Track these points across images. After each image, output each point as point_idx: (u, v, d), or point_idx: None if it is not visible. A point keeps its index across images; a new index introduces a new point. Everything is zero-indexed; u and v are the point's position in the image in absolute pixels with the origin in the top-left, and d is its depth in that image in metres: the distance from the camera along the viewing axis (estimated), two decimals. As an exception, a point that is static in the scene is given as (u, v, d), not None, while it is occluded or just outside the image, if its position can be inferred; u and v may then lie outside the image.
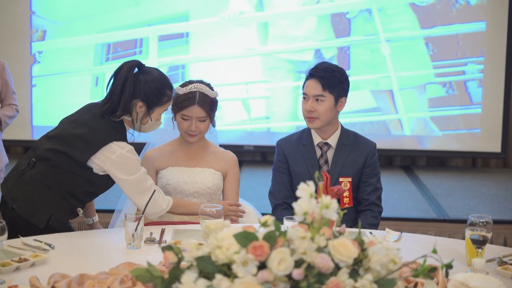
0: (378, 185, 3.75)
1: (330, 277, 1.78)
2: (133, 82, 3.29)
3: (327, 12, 7.05)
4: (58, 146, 3.29)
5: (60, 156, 3.27)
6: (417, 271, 1.89)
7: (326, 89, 3.63)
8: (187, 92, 3.55)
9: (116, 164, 3.25)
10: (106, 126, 3.30)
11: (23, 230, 3.03)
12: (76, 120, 3.36)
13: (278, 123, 7.21)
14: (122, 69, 3.31)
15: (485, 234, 2.80)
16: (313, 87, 3.65)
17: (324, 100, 3.64)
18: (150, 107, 3.34)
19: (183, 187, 3.58)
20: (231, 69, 7.16)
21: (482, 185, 6.69)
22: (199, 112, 3.53)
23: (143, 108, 3.33)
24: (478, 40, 7.03)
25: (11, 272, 2.58)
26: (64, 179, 3.29)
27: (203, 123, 3.56)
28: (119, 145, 3.26)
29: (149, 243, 3.03)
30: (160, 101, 3.35)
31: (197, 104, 3.52)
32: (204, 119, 3.55)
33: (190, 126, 3.54)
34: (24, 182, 3.30)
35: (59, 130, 3.37)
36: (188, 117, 3.54)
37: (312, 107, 3.64)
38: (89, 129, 3.29)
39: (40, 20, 7.10)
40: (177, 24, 7.14)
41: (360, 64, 7.10)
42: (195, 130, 3.55)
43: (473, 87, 7.07)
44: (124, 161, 3.26)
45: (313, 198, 1.90)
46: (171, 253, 1.91)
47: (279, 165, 3.81)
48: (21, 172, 3.32)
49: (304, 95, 3.69)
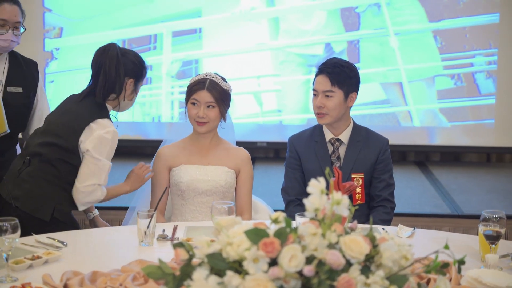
0: (390, 181, 3.74)
1: (341, 273, 1.77)
2: (120, 62, 3.43)
3: (336, 6, 7.04)
4: (47, 139, 3.40)
5: (51, 148, 3.38)
6: (429, 267, 1.88)
7: (335, 85, 3.62)
8: (199, 79, 3.60)
9: (93, 141, 3.34)
10: (87, 107, 3.45)
11: (30, 227, 3.05)
12: (59, 111, 3.51)
13: (290, 115, 7.21)
14: (103, 54, 3.44)
15: (498, 230, 2.78)
16: (322, 83, 3.65)
17: (333, 96, 3.63)
18: (137, 82, 3.52)
19: (196, 185, 3.58)
20: (243, 63, 7.17)
21: (496, 180, 6.65)
22: (207, 96, 3.54)
23: (132, 84, 3.49)
24: (486, 32, 7.01)
25: (24, 269, 2.59)
26: (60, 170, 3.37)
27: (212, 110, 3.56)
28: (101, 122, 3.39)
29: (162, 240, 3.03)
30: (142, 75, 3.55)
31: (206, 89, 3.55)
32: (212, 104, 3.55)
33: (198, 112, 3.55)
34: (23, 180, 3.39)
35: (45, 125, 3.50)
36: (197, 101, 3.56)
37: (321, 103, 3.63)
38: (70, 114, 3.44)
39: (55, 17, 7.13)
40: (190, 20, 7.15)
41: (369, 57, 7.09)
42: (203, 117, 3.55)
43: (481, 79, 7.06)
44: (100, 141, 3.36)
45: (324, 194, 1.89)
46: (183, 250, 1.91)
47: (291, 161, 3.80)
48: (18, 172, 3.41)
49: (314, 91, 3.69)
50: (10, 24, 3.74)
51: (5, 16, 3.73)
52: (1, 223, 2.45)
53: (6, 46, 3.77)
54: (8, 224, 2.46)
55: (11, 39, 3.75)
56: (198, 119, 3.56)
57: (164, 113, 7.19)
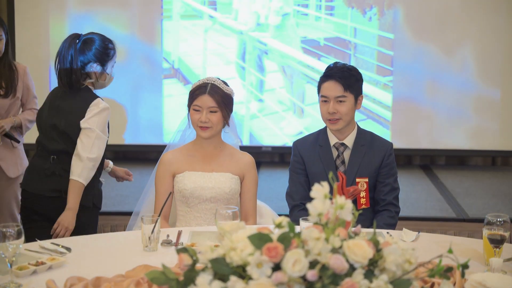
0: (395, 185, 3.73)
1: (345, 278, 1.77)
2: (80, 51, 3.69)
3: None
4: (62, 139, 3.74)
5: (71, 146, 3.70)
6: (433, 271, 1.88)
7: (347, 90, 3.63)
8: (200, 84, 3.60)
9: (93, 113, 3.68)
10: (77, 100, 3.73)
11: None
12: (58, 111, 3.76)
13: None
14: (65, 47, 3.70)
15: (502, 233, 2.77)
16: (333, 89, 3.64)
17: (346, 101, 3.64)
18: (103, 64, 3.75)
19: (200, 192, 3.57)
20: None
21: (502, 184, 6.64)
22: (209, 101, 3.54)
23: (99, 67, 3.73)
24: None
25: (28, 275, 2.59)
26: None
27: (214, 114, 3.55)
28: (96, 102, 3.71)
29: (166, 245, 3.03)
30: (108, 55, 3.77)
31: (207, 93, 3.54)
32: (214, 109, 3.55)
33: (201, 117, 3.55)
34: (60, 176, 3.72)
35: (50, 128, 3.77)
36: (199, 107, 3.55)
37: (334, 108, 3.63)
38: (68, 112, 3.72)
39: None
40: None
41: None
42: (205, 121, 3.54)
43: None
44: (100, 115, 3.69)
45: (328, 198, 1.89)
46: (186, 255, 1.91)
47: (296, 166, 3.80)
48: (47, 170, 3.74)
49: (325, 98, 3.67)
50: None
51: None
52: (5, 229, 2.45)
53: None
54: (12, 229, 2.45)
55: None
56: (201, 124, 3.56)
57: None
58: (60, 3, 7.08)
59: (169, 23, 7.21)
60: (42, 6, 7.06)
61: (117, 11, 7.12)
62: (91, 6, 7.11)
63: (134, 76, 7.16)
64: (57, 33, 6.99)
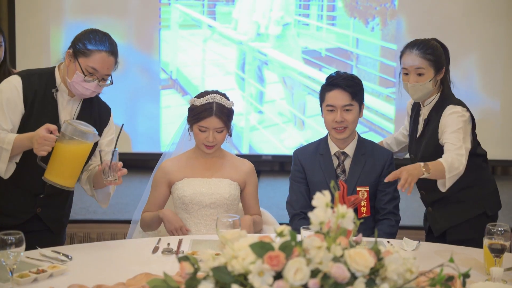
0: (395, 194, 3.74)
1: (346, 286, 1.77)
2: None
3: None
4: None
5: None
6: (434, 280, 1.88)
7: (354, 98, 3.64)
8: (204, 103, 3.55)
9: None
10: None
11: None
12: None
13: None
14: None
15: (503, 243, 2.77)
16: (341, 98, 3.65)
17: (353, 109, 3.66)
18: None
19: (200, 198, 3.58)
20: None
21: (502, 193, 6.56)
22: (217, 123, 3.54)
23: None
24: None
25: (29, 283, 2.59)
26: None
27: (220, 134, 3.57)
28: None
29: (167, 253, 3.03)
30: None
31: (214, 115, 3.53)
32: (221, 130, 3.56)
33: (208, 137, 3.55)
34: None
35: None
36: (206, 128, 3.55)
37: (342, 117, 3.64)
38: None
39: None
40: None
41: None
42: (212, 141, 3.55)
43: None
44: None
45: (329, 207, 1.89)
46: (188, 264, 1.91)
47: (296, 174, 3.81)
48: None
49: (331, 107, 3.68)
50: (99, 75, 3.34)
51: (97, 66, 3.31)
52: (6, 237, 2.45)
53: (86, 94, 3.40)
54: (13, 237, 2.45)
55: (94, 89, 3.36)
56: (207, 143, 3.58)
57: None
58: (60, 12, 7.08)
59: (167, 33, 7.16)
60: (43, 15, 7.06)
61: (114, 20, 7.07)
62: (89, 15, 7.06)
63: (131, 87, 7.07)
64: (57, 42, 7.00)
